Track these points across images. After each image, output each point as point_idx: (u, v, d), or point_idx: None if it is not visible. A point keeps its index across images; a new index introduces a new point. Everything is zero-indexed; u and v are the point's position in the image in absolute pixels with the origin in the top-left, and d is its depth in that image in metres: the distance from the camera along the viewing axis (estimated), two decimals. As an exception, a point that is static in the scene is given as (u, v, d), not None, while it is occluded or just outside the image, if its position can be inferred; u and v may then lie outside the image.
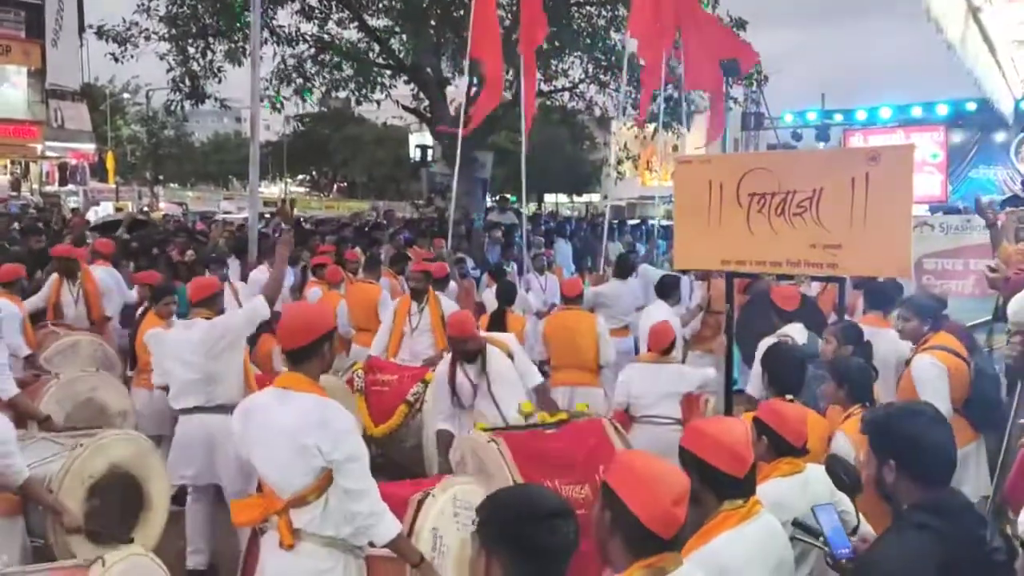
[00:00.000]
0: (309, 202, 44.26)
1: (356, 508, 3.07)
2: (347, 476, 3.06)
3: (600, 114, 23.54)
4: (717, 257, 6.37)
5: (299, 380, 3.16)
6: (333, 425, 3.07)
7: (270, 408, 3.17)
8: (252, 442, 3.23)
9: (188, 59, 17.98)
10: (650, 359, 5.92)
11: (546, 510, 1.90)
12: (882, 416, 2.56)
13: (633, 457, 2.14)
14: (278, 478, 3.13)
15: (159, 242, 11.07)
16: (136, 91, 45.28)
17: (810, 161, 6.45)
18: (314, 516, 3.10)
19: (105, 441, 4.40)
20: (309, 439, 3.02)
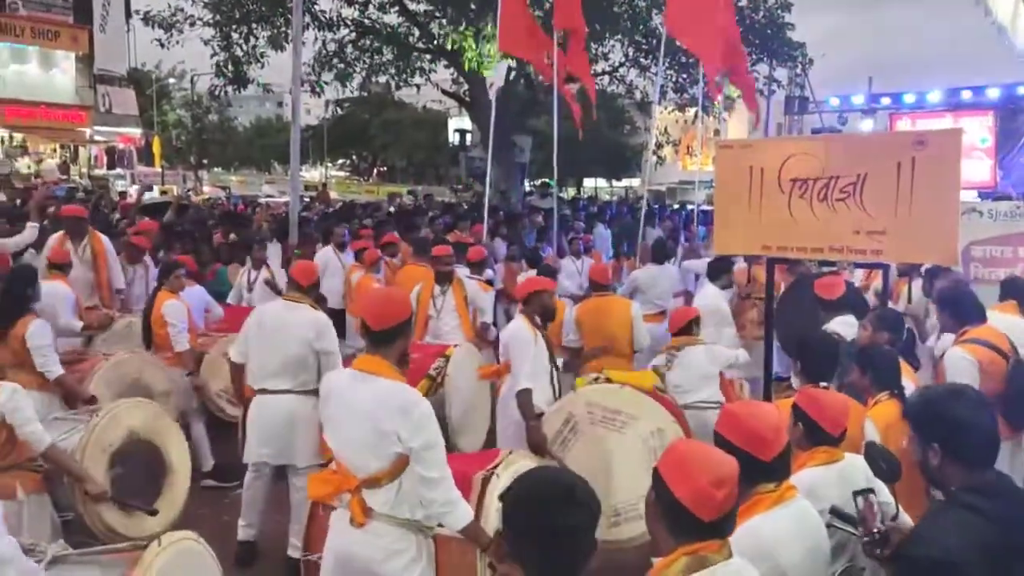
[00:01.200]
0: (349, 186, 44.59)
1: (431, 495, 3.09)
2: (424, 464, 3.07)
3: (640, 98, 23.38)
4: (758, 243, 6.30)
5: (379, 364, 3.17)
6: (413, 412, 3.08)
7: (349, 389, 3.19)
8: (330, 421, 3.27)
9: (231, 44, 18.20)
10: (676, 344, 5.87)
11: (562, 493, 1.91)
12: (923, 400, 2.53)
13: (684, 443, 2.15)
14: (353, 459, 3.16)
15: (205, 226, 11.25)
16: (182, 76, 45.92)
17: (855, 145, 6.32)
18: (388, 498, 3.13)
19: (119, 409, 4.48)
20: (389, 425, 3.05)
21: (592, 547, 1.93)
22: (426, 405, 3.14)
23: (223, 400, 6.40)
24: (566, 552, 1.90)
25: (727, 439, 2.44)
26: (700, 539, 2.00)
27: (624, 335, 6.57)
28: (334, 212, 15.33)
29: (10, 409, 3.76)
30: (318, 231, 10.65)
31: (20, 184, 21.55)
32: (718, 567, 2.00)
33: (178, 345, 6.28)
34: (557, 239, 12.22)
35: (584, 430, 4.62)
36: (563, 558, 1.90)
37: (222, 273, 9.17)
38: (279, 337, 5.02)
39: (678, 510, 2.01)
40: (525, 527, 1.92)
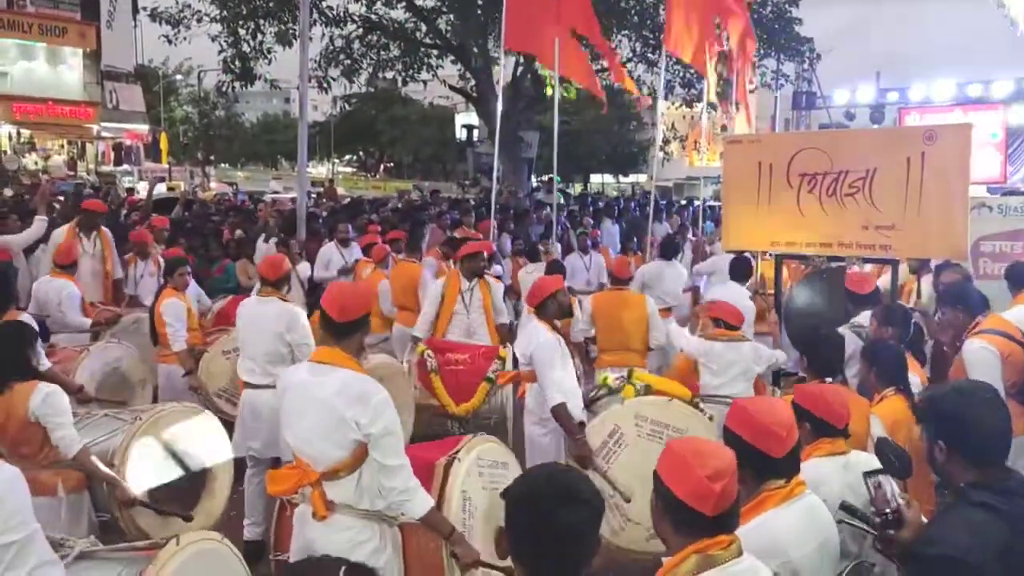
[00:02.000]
0: (356, 182, 44.60)
1: (389, 484, 3.09)
2: (382, 451, 3.08)
3: (648, 93, 23.32)
4: (766, 238, 6.29)
5: (339, 355, 3.18)
6: (372, 399, 3.08)
7: (308, 382, 3.19)
8: (288, 415, 3.28)
9: (239, 40, 18.22)
10: (725, 336, 5.56)
11: (564, 491, 1.90)
12: (927, 397, 2.52)
13: (678, 441, 2.14)
14: (313, 451, 3.16)
15: (213, 222, 11.27)
16: (189, 72, 46.04)
17: (864, 140, 6.31)
18: (348, 489, 3.14)
19: (162, 414, 4.44)
20: (348, 412, 3.05)
21: (595, 545, 1.92)
22: (384, 393, 3.15)
23: (222, 400, 6.31)
24: (569, 550, 1.88)
25: (738, 435, 2.42)
26: (706, 536, 1.99)
27: (639, 331, 6.53)
28: (342, 208, 15.33)
29: (43, 413, 3.79)
30: (325, 227, 10.67)
31: (28, 180, 21.65)
32: (728, 566, 1.98)
33: (174, 344, 6.22)
34: (564, 234, 12.21)
35: (630, 442, 4.57)
36: (566, 557, 1.88)
37: (230, 269, 9.19)
38: (254, 331, 5.17)
39: (680, 508, 1.99)
40: (527, 526, 1.91)
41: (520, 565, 1.94)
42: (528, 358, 4.96)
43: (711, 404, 5.34)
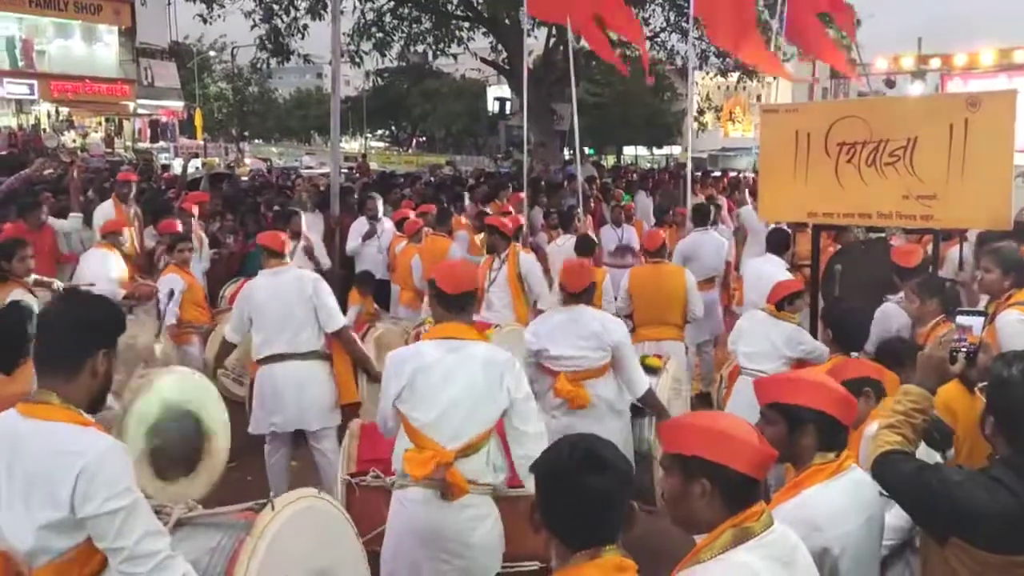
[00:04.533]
0: (388, 157, 44.64)
1: (525, 451, 3.12)
2: (523, 417, 3.20)
3: (682, 64, 23.01)
4: (804, 209, 6.19)
5: (463, 329, 3.28)
6: (515, 365, 3.21)
7: (445, 359, 3.21)
8: (421, 396, 3.22)
9: (272, 16, 18.22)
10: (769, 311, 5.44)
11: (591, 458, 1.90)
12: (992, 371, 2.48)
13: (694, 420, 2.11)
14: (456, 427, 3.16)
15: (248, 196, 11.36)
16: (222, 49, 46.22)
17: (905, 108, 6.16)
18: (478, 465, 3.19)
19: (153, 381, 4.40)
20: (499, 378, 3.17)
21: (627, 510, 1.91)
22: (520, 361, 3.29)
23: (228, 379, 6.31)
24: (601, 517, 1.88)
25: (809, 407, 2.38)
26: (749, 505, 1.98)
27: (677, 304, 6.48)
28: (375, 183, 15.36)
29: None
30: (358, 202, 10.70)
31: (67, 158, 21.96)
32: (762, 537, 1.96)
33: (166, 318, 6.28)
34: (596, 207, 12.14)
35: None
36: (599, 523, 1.89)
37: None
38: (277, 304, 5.13)
39: (739, 483, 1.96)
40: (557, 496, 1.91)
41: (554, 536, 1.94)
42: (607, 349, 4.49)
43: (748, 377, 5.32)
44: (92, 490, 2.11)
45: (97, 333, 2.33)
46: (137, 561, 2.14)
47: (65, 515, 2.12)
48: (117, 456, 2.19)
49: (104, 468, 2.14)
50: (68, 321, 2.32)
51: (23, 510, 2.15)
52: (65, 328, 2.30)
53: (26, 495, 2.15)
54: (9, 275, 5.55)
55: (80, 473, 2.10)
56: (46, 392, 2.23)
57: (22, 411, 2.23)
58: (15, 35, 25.56)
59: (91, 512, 2.11)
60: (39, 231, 7.47)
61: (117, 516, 2.12)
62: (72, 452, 2.13)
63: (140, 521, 2.16)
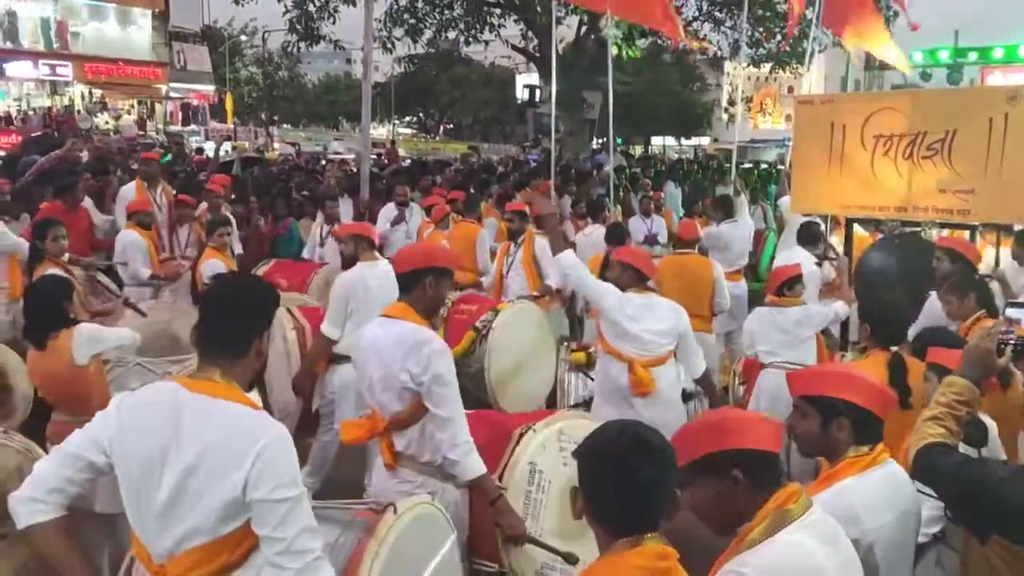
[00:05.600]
0: (416, 143, 44.69)
1: (440, 435, 3.12)
2: (434, 400, 3.12)
3: (714, 54, 22.82)
4: (837, 201, 6.14)
5: (403, 309, 3.28)
6: (424, 348, 3.13)
7: (375, 334, 3.29)
8: (359, 366, 3.39)
9: (304, 0, 18.28)
10: (770, 303, 5.54)
11: (636, 445, 1.89)
12: None
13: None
14: (379, 401, 3.25)
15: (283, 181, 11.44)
16: (253, 33, 46.48)
17: (944, 101, 6.08)
18: (411, 440, 3.21)
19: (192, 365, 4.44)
20: (402, 361, 3.13)
21: (672, 497, 1.90)
22: (440, 343, 3.18)
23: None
24: (645, 504, 1.87)
25: (844, 400, 2.38)
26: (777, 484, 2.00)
27: (705, 295, 6.46)
28: (404, 169, 15.40)
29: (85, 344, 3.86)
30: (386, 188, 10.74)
31: (99, 140, 22.22)
32: (802, 520, 1.97)
33: None
34: (625, 197, 12.08)
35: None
36: (643, 510, 1.87)
37: (294, 227, 9.32)
38: (383, 294, 4.73)
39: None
40: (600, 482, 1.90)
41: (597, 523, 1.93)
42: (675, 336, 4.59)
43: (771, 370, 5.33)
44: (266, 474, 2.08)
45: (264, 315, 2.35)
46: (293, 556, 2.10)
47: (236, 495, 2.08)
48: (290, 446, 2.17)
49: (280, 455, 2.12)
50: (240, 303, 2.32)
51: (195, 483, 2.11)
52: (237, 309, 2.29)
53: (196, 468, 2.11)
54: (44, 254, 5.61)
55: (258, 456, 2.08)
56: (211, 370, 2.22)
57: (187, 385, 2.19)
58: (50, 16, 25.86)
59: (259, 497, 2.08)
60: (75, 212, 7.53)
61: (283, 505, 2.09)
62: (251, 434, 2.11)
63: (303, 515, 2.13)
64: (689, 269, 6.57)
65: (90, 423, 2.27)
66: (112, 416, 2.22)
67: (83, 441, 2.23)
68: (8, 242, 6.31)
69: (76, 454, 2.22)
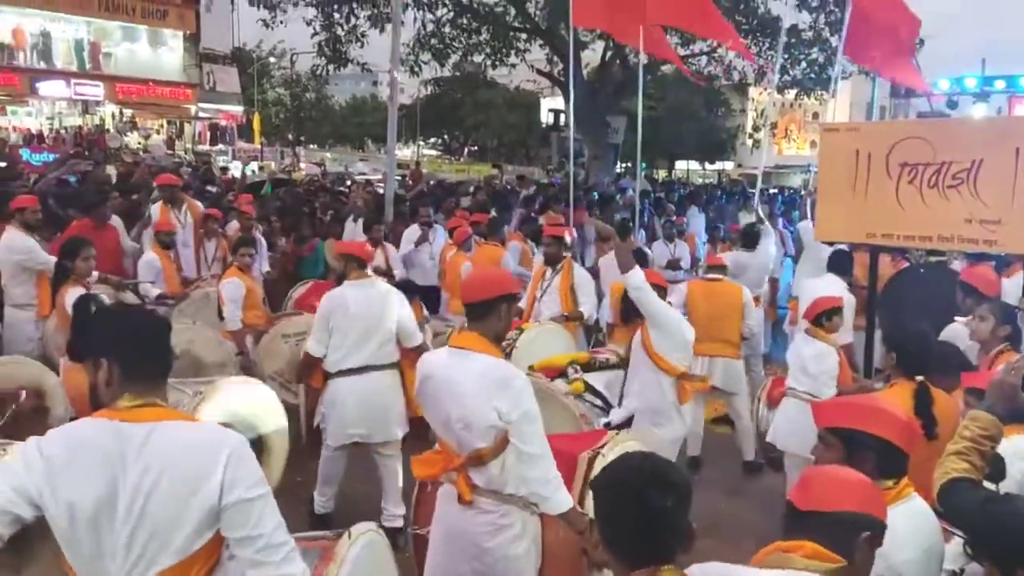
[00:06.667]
0: (440, 165, 44.96)
1: (530, 473, 3.07)
2: (522, 437, 3.06)
3: (738, 79, 22.84)
4: (862, 230, 6.10)
5: (476, 340, 3.18)
6: (512, 385, 3.07)
7: (448, 367, 3.20)
8: (429, 401, 3.29)
9: (333, 24, 18.54)
10: (806, 331, 5.52)
11: (653, 476, 1.89)
12: None
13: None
14: (456, 437, 3.17)
15: (306, 201, 11.56)
16: (282, 55, 47.06)
17: (970, 130, 6.05)
18: (493, 475, 3.14)
19: (222, 389, 4.45)
20: (488, 399, 3.05)
21: (686, 530, 1.89)
22: (525, 378, 3.13)
23: (275, 384, 6.20)
24: (659, 535, 1.87)
25: (869, 432, 2.37)
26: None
27: (734, 321, 6.46)
28: (428, 192, 15.48)
29: None
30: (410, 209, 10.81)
31: (130, 158, 22.55)
32: None
33: (228, 324, 6.30)
34: (649, 221, 12.07)
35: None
36: (657, 542, 1.87)
37: (320, 248, 9.42)
38: (365, 316, 5.07)
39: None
40: (617, 511, 1.91)
41: (611, 553, 1.93)
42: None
43: (790, 398, 5.32)
44: (240, 476, 2.12)
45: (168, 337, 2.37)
46: (272, 549, 2.14)
47: (212, 504, 2.10)
48: (248, 447, 2.22)
49: (246, 456, 2.17)
50: (159, 325, 2.36)
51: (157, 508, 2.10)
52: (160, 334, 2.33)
53: (154, 493, 2.09)
54: (72, 274, 5.64)
55: (228, 461, 2.11)
56: (149, 397, 2.21)
57: (126, 417, 2.16)
58: (84, 38, 26.33)
59: (236, 498, 2.11)
60: (103, 229, 7.65)
61: (258, 503, 2.14)
62: (215, 443, 2.15)
63: (274, 511, 2.19)
64: (718, 293, 6.57)
65: (8, 469, 2.16)
66: (37, 464, 2.13)
67: (7, 493, 2.12)
68: (39, 260, 6.43)
69: (1, 508, 2.11)
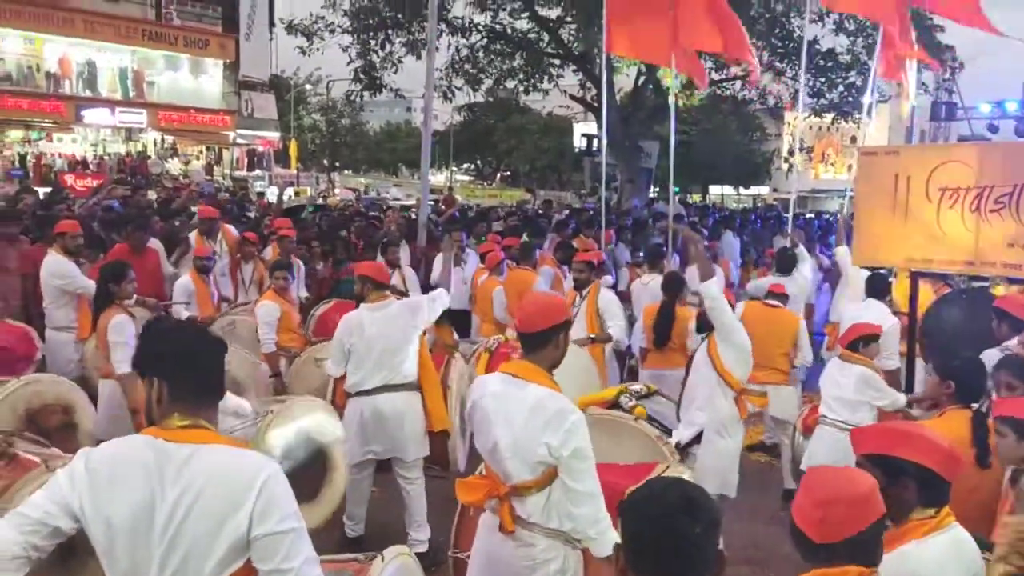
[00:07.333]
0: (473, 190, 45.22)
1: (578, 511, 3.01)
2: (572, 474, 3.00)
3: (774, 103, 22.73)
4: (902, 254, 6.01)
5: (531, 370, 3.12)
6: (566, 420, 3.00)
7: (500, 395, 3.16)
8: (479, 427, 3.25)
9: (368, 51, 18.78)
10: (841, 356, 5.45)
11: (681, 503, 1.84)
12: None
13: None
14: (503, 465, 3.12)
15: (345, 228, 11.66)
16: (318, 82, 47.79)
17: (1012, 154, 5.94)
18: (537, 507, 3.08)
19: (292, 408, 4.54)
20: (540, 433, 3.00)
21: (715, 558, 1.85)
22: (579, 415, 3.06)
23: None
24: (687, 562, 1.82)
25: (910, 460, 2.32)
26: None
27: (785, 348, 6.42)
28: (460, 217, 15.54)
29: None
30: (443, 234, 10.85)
31: (170, 184, 22.96)
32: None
33: (263, 347, 6.34)
34: (683, 245, 11.98)
35: None
36: (686, 570, 1.82)
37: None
38: (382, 339, 5.11)
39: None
40: (644, 540, 1.86)
41: None
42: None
43: (823, 427, 5.22)
44: (272, 507, 2.09)
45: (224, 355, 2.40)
46: None
47: (241, 534, 2.07)
48: (284, 477, 2.18)
49: (281, 487, 2.14)
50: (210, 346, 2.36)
51: (192, 531, 2.08)
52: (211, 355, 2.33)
53: (189, 517, 2.08)
54: (113, 298, 5.55)
55: (261, 490, 2.09)
56: (193, 418, 2.20)
57: (168, 437, 2.15)
58: (128, 67, 26.97)
59: (267, 530, 2.08)
60: (143, 253, 7.78)
61: (289, 536, 2.11)
62: (249, 471, 2.12)
63: (306, 545, 2.15)
64: (774, 320, 6.52)
65: (53, 484, 2.16)
66: (81, 478, 2.14)
67: (48, 506, 2.13)
68: (79, 284, 6.54)
69: (41, 520, 2.12)
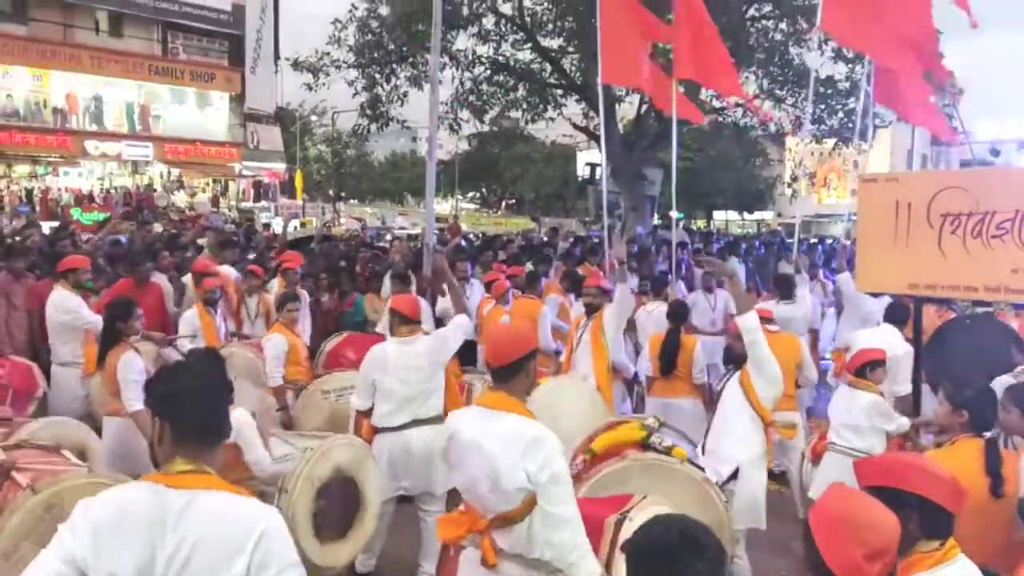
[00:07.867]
0: (478, 219, 45.39)
1: (558, 537, 3.00)
2: (550, 499, 3.00)
3: (775, 130, 22.85)
4: (904, 280, 6.02)
5: (504, 400, 3.15)
6: (543, 446, 3.02)
7: (475, 428, 3.16)
8: (455, 461, 3.26)
9: (374, 85, 18.96)
10: (849, 383, 5.51)
11: (685, 540, 1.85)
12: None
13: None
14: (482, 499, 3.13)
15: (346, 256, 11.71)
16: (323, 113, 48.22)
17: (1013, 179, 5.97)
18: (518, 538, 3.07)
19: (330, 445, 4.58)
20: (518, 460, 3.01)
21: None
22: (556, 440, 3.07)
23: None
24: None
25: (914, 493, 2.33)
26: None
27: (791, 373, 6.40)
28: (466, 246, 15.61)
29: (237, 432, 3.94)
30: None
31: (176, 216, 23.09)
32: None
33: (269, 380, 6.32)
34: (688, 272, 12.02)
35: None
36: None
37: (359, 302, 9.50)
38: (410, 374, 5.10)
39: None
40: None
41: None
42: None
43: (832, 453, 5.22)
44: (271, 557, 2.08)
45: (228, 394, 2.40)
46: None
47: None
48: (284, 527, 2.17)
49: (280, 536, 2.13)
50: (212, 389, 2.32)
51: None
52: (213, 398, 2.30)
53: (188, 565, 2.07)
54: (120, 335, 5.48)
55: (259, 540, 2.08)
56: (195, 463, 2.18)
57: (169, 483, 2.14)
58: (134, 101, 27.26)
59: None
60: (145, 288, 7.78)
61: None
62: (248, 520, 2.11)
63: None
64: (774, 343, 6.48)
65: (56, 539, 2.13)
66: (82, 529, 2.11)
67: (55, 563, 2.09)
68: (85, 320, 6.58)
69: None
